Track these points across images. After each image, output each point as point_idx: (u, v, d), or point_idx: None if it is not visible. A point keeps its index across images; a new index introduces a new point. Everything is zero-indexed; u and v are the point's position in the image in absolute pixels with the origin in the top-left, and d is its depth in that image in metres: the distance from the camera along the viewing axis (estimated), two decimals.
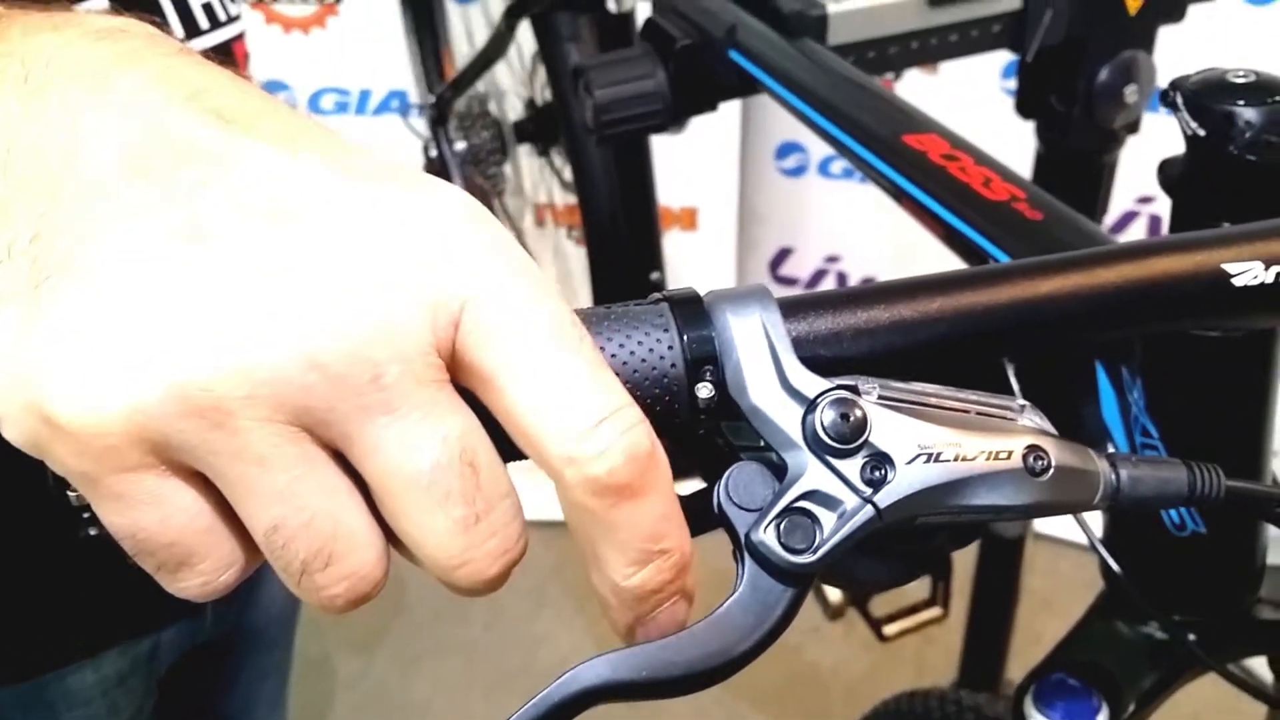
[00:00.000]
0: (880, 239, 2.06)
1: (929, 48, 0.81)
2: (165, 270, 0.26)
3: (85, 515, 0.28)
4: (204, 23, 0.71)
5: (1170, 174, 0.45)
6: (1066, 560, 2.05)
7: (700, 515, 0.31)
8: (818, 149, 2.07)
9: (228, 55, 0.74)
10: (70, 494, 0.28)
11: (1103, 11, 0.82)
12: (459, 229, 0.28)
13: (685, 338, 0.30)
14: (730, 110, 1.94)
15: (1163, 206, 1.84)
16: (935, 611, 1.15)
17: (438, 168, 1.43)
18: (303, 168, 0.27)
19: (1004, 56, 1.82)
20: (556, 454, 0.27)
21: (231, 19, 0.74)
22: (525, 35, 1.16)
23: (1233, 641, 0.52)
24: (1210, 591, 0.52)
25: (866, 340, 0.32)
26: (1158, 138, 0.90)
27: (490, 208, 0.30)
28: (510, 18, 1.05)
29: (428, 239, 0.27)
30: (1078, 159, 0.92)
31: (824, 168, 2.08)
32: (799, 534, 0.29)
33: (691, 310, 0.30)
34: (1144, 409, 0.47)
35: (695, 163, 1.93)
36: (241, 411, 0.25)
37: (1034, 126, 0.92)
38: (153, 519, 0.27)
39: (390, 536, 0.28)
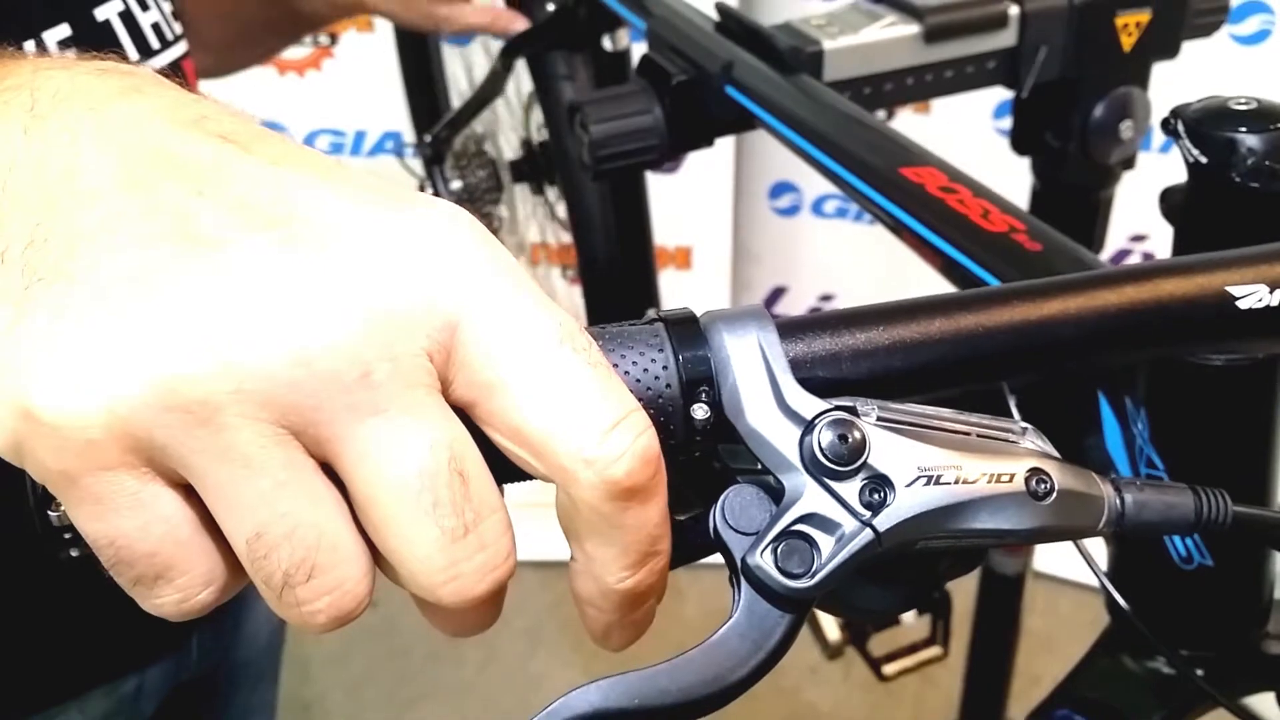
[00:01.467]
0: (874, 277, 2.06)
1: (924, 84, 0.81)
2: (152, 269, 0.26)
3: (67, 536, 0.28)
4: (155, 43, 0.72)
5: (1172, 202, 0.45)
6: (1066, 599, 2.04)
7: (694, 539, 0.31)
8: (811, 188, 2.08)
9: (179, 72, 0.75)
10: (52, 514, 0.28)
11: (1097, 48, 0.82)
12: (457, 243, 0.28)
13: (680, 358, 0.30)
14: (724, 150, 1.95)
15: (1156, 245, 1.85)
16: (935, 651, 1.14)
17: None
18: (298, 180, 0.28)
19: (996, 96, 1.84)
20: (572, 457, 0.26)
21: (178, 37, 0.75)
22: (519, 73, 1.16)
23: (1240, 677, 0.51)
24: (1217, 626, 0.51)
25: (865, 361, 0.31)
26: (1150, 176, 0.91)
27: None
28: (506, 57, 1.05)
29: (423, 250, 0.27)
30: (1074, 195, 0.92)
31: (817, 207, 2.09)
32: (796, 558, 0.29)
33: (687, 330, 0.30)
34: (1148, 439, 0.47)
35: (689, 202, 1.93)
36: (227, 408, 0.25)
37: (1030, 163, 0.92)
38: (132, 525, 0.26)
39: (374, 556, 0.28)
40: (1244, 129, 0.43)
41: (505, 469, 0.28)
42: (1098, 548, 0.53)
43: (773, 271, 2.17)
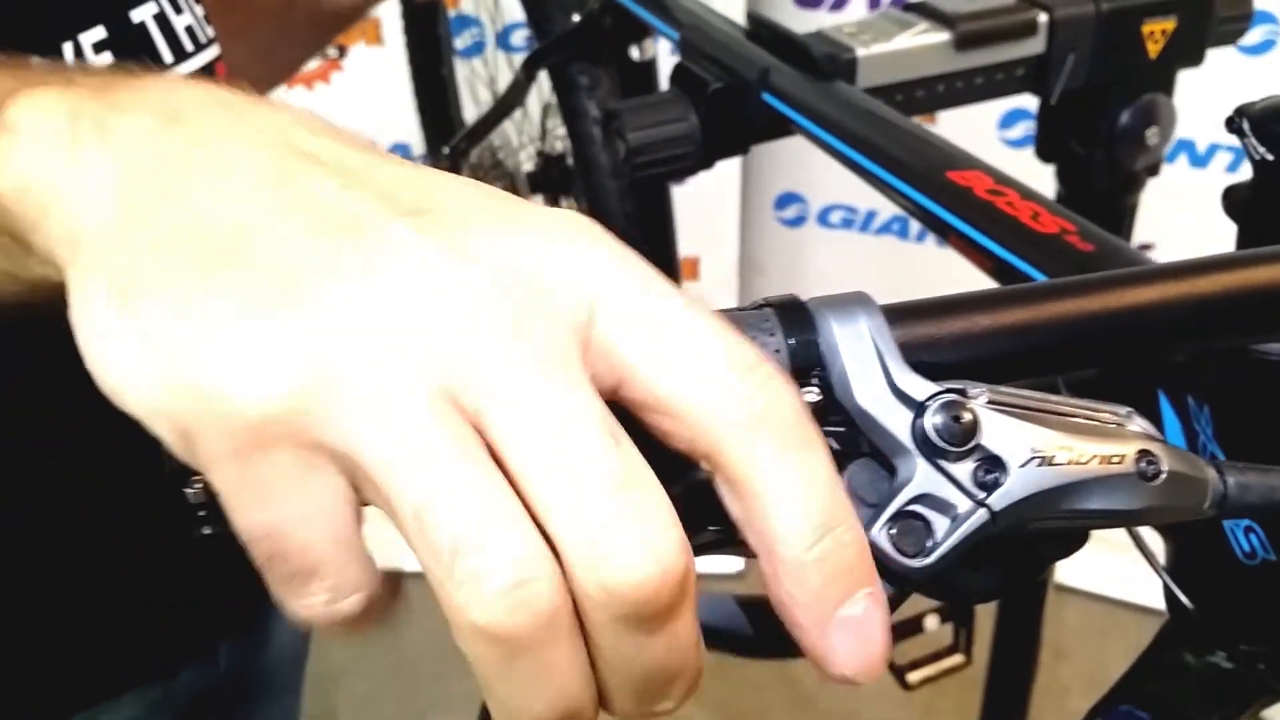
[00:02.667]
0: (880, 288, 2.05)
1: (955, 90, 0.82)
2: (319, 258, 0.27)
3: (201, 513, 0.28)
4: (189, 45, 0.72)
5: (1235, 199, 0.46)
6: (1072, 609, 2.05)
7: None
8: (816, 199, 2.09)
9: (211, 75, 0.75)
10: (188, 490, 0.28)
11: (1124, 55, 0.83)
12: (587, 235, 0.28)
13: (791, 342, 0.30)
14: (730, 162, 1.96)
15: (1164, 253, 1.86)
16: (958, 659, 1.15)
17: None
18: (435, 179, 0.29)
19: (1003, 106, 1.85)
20: (714, 395, 0.27)
21: (211, 40, 0.75)
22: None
23: None
24: (1278, 622, 0.51)
25: (969, 346, 0.32)
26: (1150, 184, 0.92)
27: None
28: (529, 68, 1.06)
29: (560, 234, 0.28)
30: (1098, 201, 0.92)
31: (823, 218, 2.10)
32: (912, 537, 0.29)
33: (797, 315, 0.31)
34: (1212, 436, 0.47)
35: (696, 213, 1.94)
36: (400, 378, 0.25)
37: (1054, 170, 0.93)
38: (293, 514, 0.26)
39: None
40: None
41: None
42: (1157, 544, 0.53)
43: (779, 282, 2.18)
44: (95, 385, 0.28)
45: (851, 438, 0.30)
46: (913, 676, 1.11)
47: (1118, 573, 1.99)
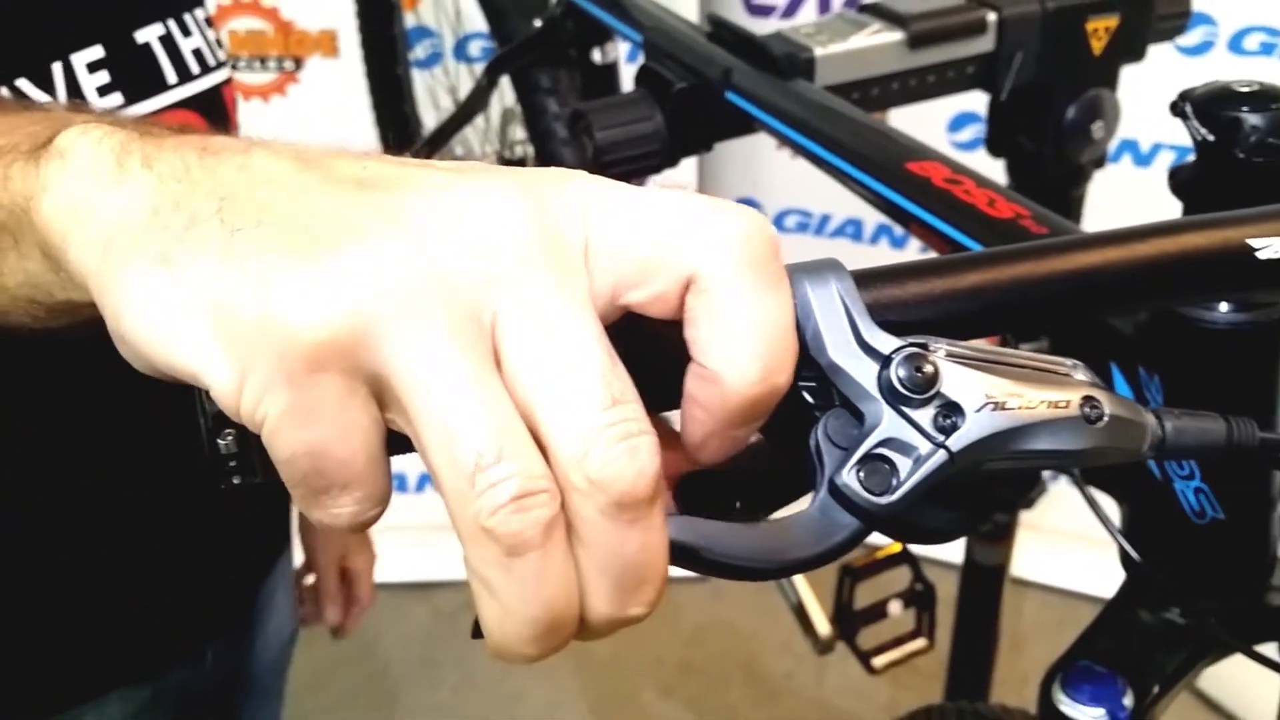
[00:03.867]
0: None
1: (909, 88, 0.85)
2: (343, 209, 0.30)
3: (232, 463, 0.31)
4: (195, 68, 0.73)
5: (1181, 179, 0.49)
6: (1031, 601, 2.09)
7: (783, 488, 0.34)
8: (772, 203, 2.12)
9: (217, 100, 0.76)
10: (221, 441, 0.30)
11: (1069, 52, 0.86)
12: (577, 176, 0.32)
13: None
14: (687, 166, 1.98)
15: None
16: (921, 643, 1.18)
17: None
18: (454, 166, 0.32)
19: (952, 109, 1.89)
20: (702, 244, 0.31)
21: (220, 64, 0.77)
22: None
23: (1249, 627, 0.54)
24: (1227, 578, 0.54)
25: (931, 307, 0.34)
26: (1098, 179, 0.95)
27: None
28: (491, 73, 1.07)
29: (564, 174, 0.32)
30: (1047, 194, 0.95)
31: (779, 222, 2.13)
32: (878, 478, 0.32)
33: None
34: (1162, 404, 0.50)
35: None
36: (430, 299, 0.28)
37: (1004, 165, 0.96)
38: (334, 431, 0.28)
39: None
40: (1247, 109, 0.46)
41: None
42: (1111, 507, 0.56)
43: None
44: (88, 387, 0.30)
45: (824, 390, 0.33)
46: (878, 661, 1.13)
47: (1074, 566, 2.04)
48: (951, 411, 0.32)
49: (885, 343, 0.32)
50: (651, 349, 0.32)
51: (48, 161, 0.34)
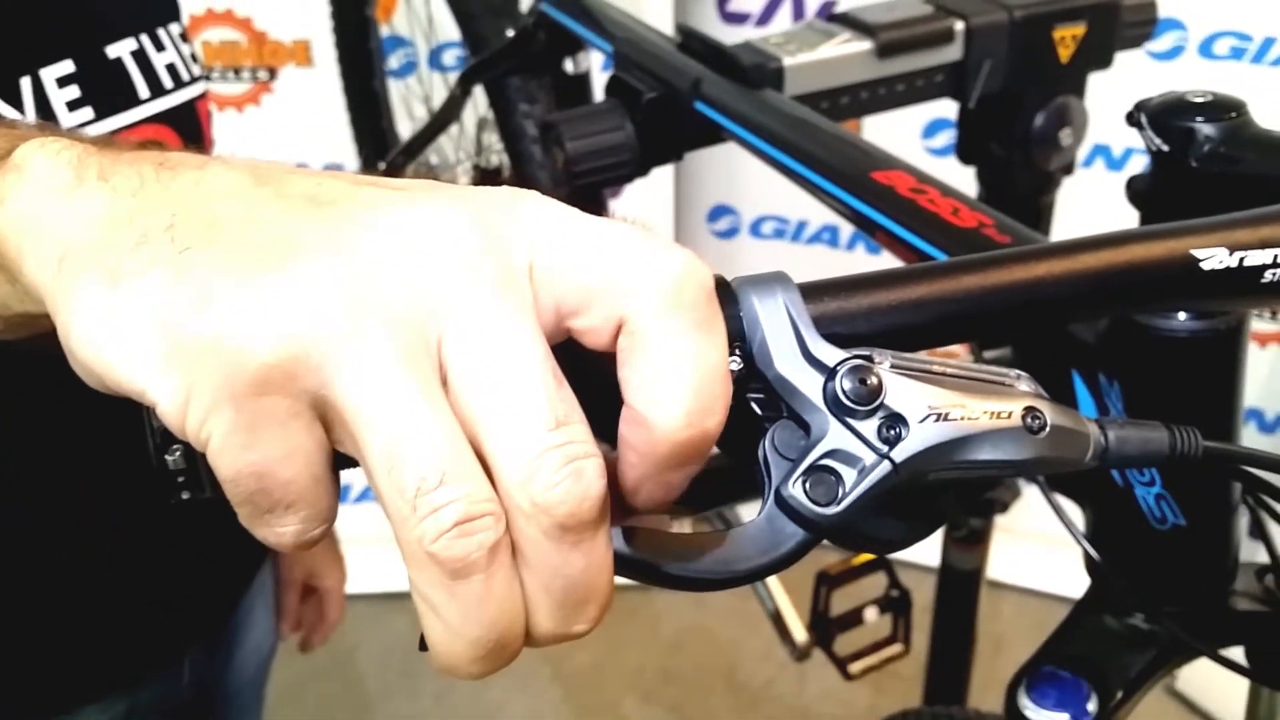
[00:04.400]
0: None
1: (878, 97, 0.85)
2: (293, 226, 0.30)
3: (180, 479, 0.31)
4: (168, 82, 0.73)
5: (1137, 188, 0.49)
6: (1008, 604, 2.10)
7: (721, 481, 0.34)
8: (748, 210, 2.13)
9: (191, 115, 0.76)
10: (169, 457, 0.31)
11: (1037, 60, 0.87)
12: (534, 198, 0.32)
13: None
14: (663, 174, 1.99)
15: None
16: (897, 648, 1.18)
17: None
18: (404, 184, 0.32)
19: (926, 115, 1.90)
20: (638, 266, 0.30)
21: (195, 78, 0.76)
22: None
23: (1211, 631, 0.55)
24: (1190, 584, 0.55)
25: (878, 318, 0.35)
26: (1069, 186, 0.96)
27: None
28: (465, 82, 1.08)
29: (513, 195, 0.32)
30: (1018, 201, 0.96)
31: (755, 229, 2.14)
32: (823, 488, 0.32)
33: (721, 292, 0.33)
34: (1122, 410, 0.51)
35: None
36: (376, 319, 0.28)
37: (975, 172, 0.97)
38: (278, 452, 0.28)
39: None
40: (1201, 119, 0.47)
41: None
42: (1075, 512, 0.56)
43: None
44: (60, 395, 0.30)
45: (771, 402, 0.33)
46: (854, 667, 1.14)
47: (1050, 568, 2.05)
48: (895, 423, 0.32)
49: (830, 355, 0.33)
50: (597, 374, 0.32)
51: (4, 175, 0.34)
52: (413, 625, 0.30)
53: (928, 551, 1.28)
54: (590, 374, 0.31)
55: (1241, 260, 0.36)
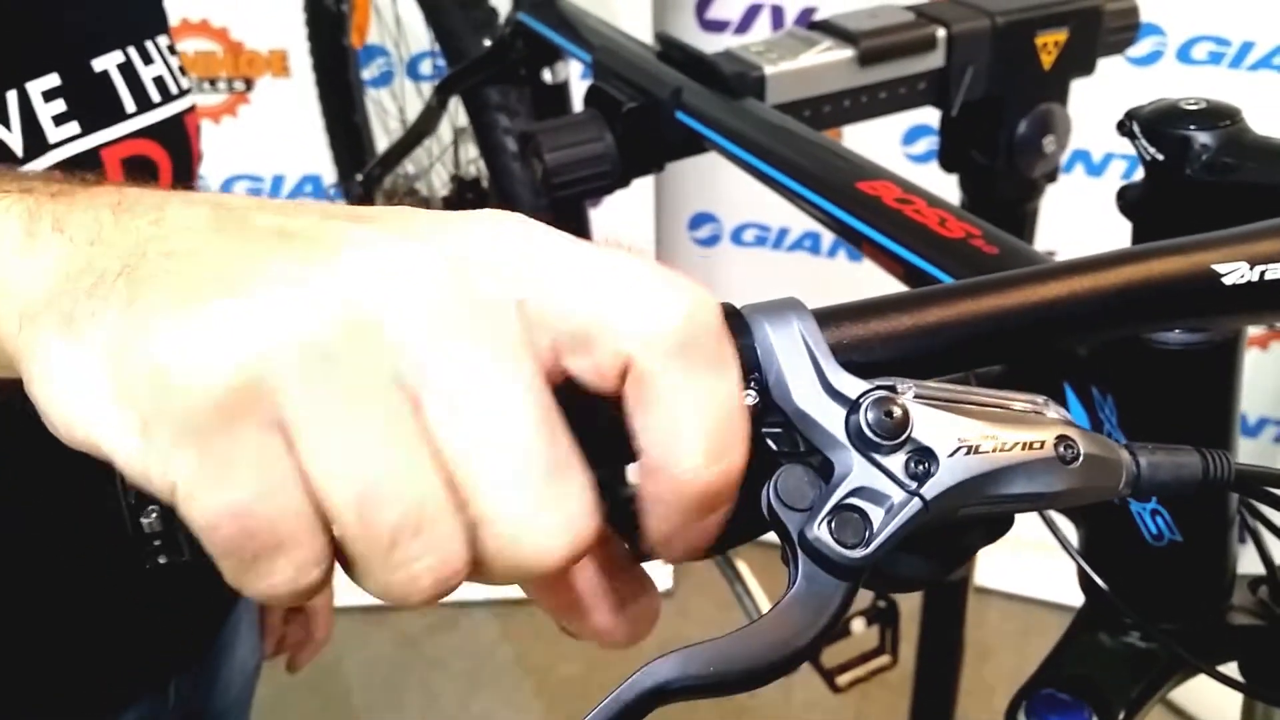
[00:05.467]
0: None
1: (860, 105, 0.84)
2: (253, 253, 0.28)
3: (156, 542, 0.29)
4: (155, 96, 0.72)
5: (1129, 198, 0.48)
6: (994, 610, 2.09)
7: (744, 519, 0.32)
8: (729, 218, 2.12)
9: (179, 128, 0.75)
10: (144, 520, 0.29)
11: (1020, 67, 0.86)
12: (507, 230, 0.30)
13: None
14: (644, 182, 1.98)
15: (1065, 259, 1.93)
16: (885, 660, 1.17)
17: None
18: (379, 216, 0.30)
19: (906, 123, 1.89)
20: (630, 318, 0.28)
21: (183, 92, 0.75)
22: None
23: (1208, 647, 0.54)
24: (1187, 600, 0.54)
25: (896, 345, 0.33)
26: (1056, 193, 0.95)
27: None
28: (442, 93, 1.06)
29: (487, 233, 0.29)
30: (1001, 209, 0.95)
31: (736, 236, 2.13)
32: (850, 529, 0.30)
33: (732, 322, 0.31)
34: (1116, 424, 0.50)
35: (612, 235, 1.96)
36: (340, 352, 0.27)
37: (958, 180, 0.96)
38: (253, 489, 0.26)
39: None
40: (1195, 127, 0.46)
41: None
42: (1069, 530, 0.55)
43: None
44: (40, 439, 0.29)
45: (789, 437, 0.31)
46: (842, 679, 1.13)
47: (1037, 573, 2.04)
48: (924, 457, 0.31)
49: (852, 386, 0.31)
50: (601, 412, 0.30)
51: None
52: (396, 639, 0.29)
53: None
54: (594, 413, 0.29)
55: (1263, 274, 0.35)
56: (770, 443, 0.31)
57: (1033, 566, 2.05)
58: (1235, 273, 0.35)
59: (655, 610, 0.34)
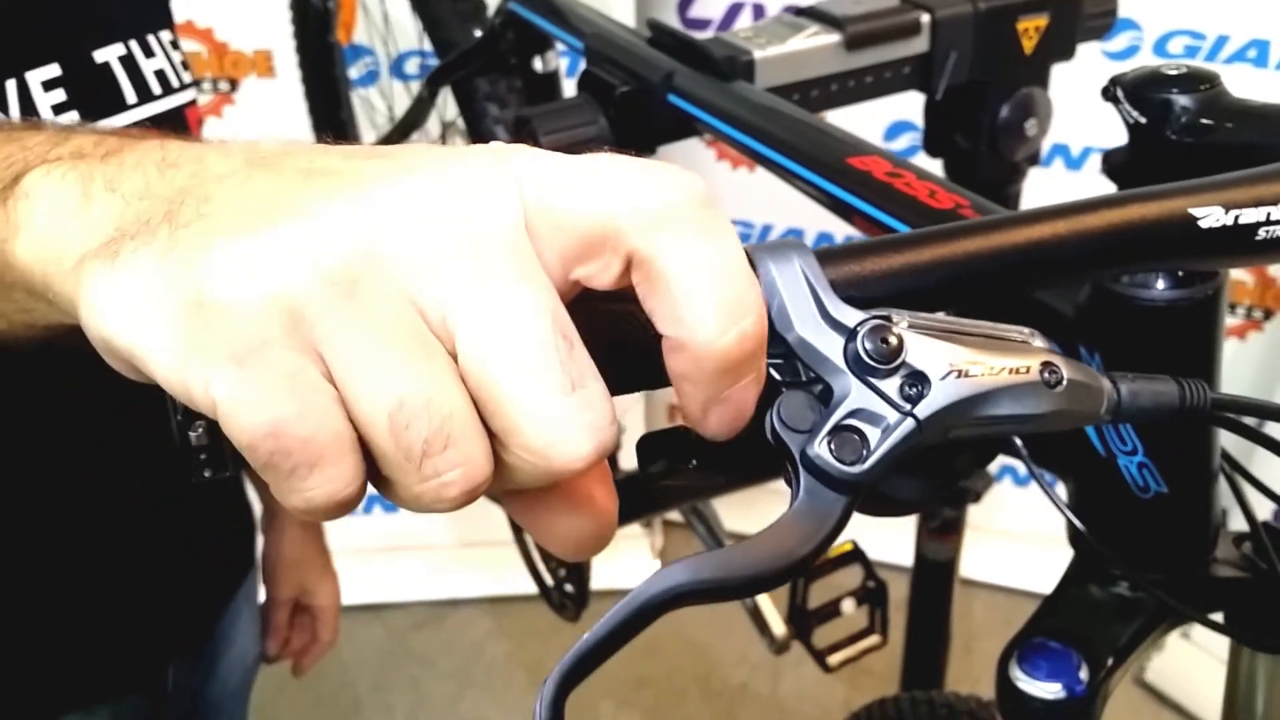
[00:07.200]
0: None
1: (847, 89, 0.86)
2: (286, 191, 0.30)
3: (203, 455, 0.31)
4: (156, 88, 0.73)
5: (1114, 161, 0.50)
6: (980, 601, 2.11)
7: (750, 446, 0.34)
8: None
9: (180, 121, 0.76)
10: (192, 434, 0.30)
11: (1002, 52, 0.88)
12: (525, 154, 0.31)
13: None
14: None
15: None
16: (875, 639, 1.19)
17: None
18: (394, 153, 0.32)
19: (888, 117, 1.91)
20: (646, 202, 0.30)
21: (185, 85, 0.76)
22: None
23: (1194, 598, 0.56)
24: (1172, 551, 0.56)
25: (892, 281, 0.35)
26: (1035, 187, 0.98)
27: None
28: (432, 84, 1.08)
29: (503, 157, 0.31)
30: (984, 192, 0.97)
31: None
32: (849, 448, 0.32)
33: None
34: None
35: None
36: (367, 279, 0.28)
37: (942, 164, 0.98)
38: (293, 407, 0.28)
39: None
40: (1177, 91, 0.48)
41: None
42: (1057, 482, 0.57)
43: None
44: (46, 403, 0.30)
45: (791, 366, 0.33)
46: (833, 659, 1.14)
47: (1022, 565, 2.07)
48: (917, 381, 0.33)
49: (850, 316, 0.33)
50: (623, 326, 0.32)
51: (15, 204, 0.34)
52: (387, 637, 0.31)
53: (901, 549, 1.29)
54: (614, 329, 0.31)
55: (1237, 218, 0.37)
56: (773, 372, 0.33)
57: (1018, 558, 2.08)
58: (1210, 216, 0.37)
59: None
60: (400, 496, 0.30)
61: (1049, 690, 0.54)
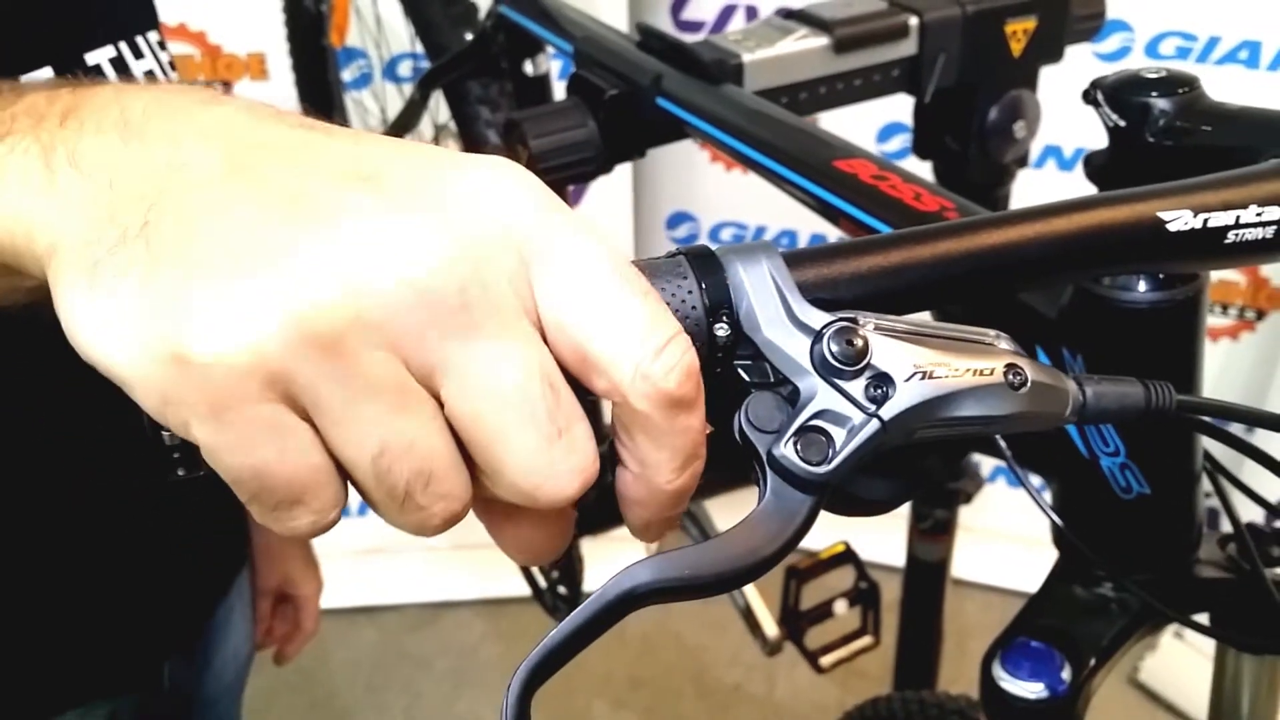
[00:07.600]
0: None
1: (836, 92, 0.87)
2: (269, 230, 0.29)
3: (176, 455, 0.31)
4: None
5: (1095, 164, 0.51)
6: (972, 602, 2.12)
7: (718, 446, 0.34)
8: (707, 217, 2.14)
9: None
10: (164, 433, 0.30)
11: (990, 55, 0.89)
12: (517, 185, 0.31)
13: (703, 284, 0.34)
14: (622, 180, 2.00)
15: None
16: (867, 640, 1.19)
17: None
18: (378, 149, 0.32)
19: (880, 119, 1.92)
20: (630, 371, 0.30)
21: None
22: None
23: (1178, 599, 0.56)
24: (1155, 552, 0.56)
25: (860, 283, 0.36)
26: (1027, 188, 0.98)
27: None
28: (424, 87, 1.08)
29: (491, 192, 0.31)
30: (973, 193, 0.97)
31: (714, 235, 2.15)
32: (814, 448, 0.33)
33: (707, 262, 0.34)
34: None
35: None
36: (350, 336, 0.28)
37: (931, 166, 0.98)
38: (273, 453, 0.28)
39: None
40: (1155, 94, 0.48)
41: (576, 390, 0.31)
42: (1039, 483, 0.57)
43: None
44: (34, 394, 0.30)
45: (759, 367, 0.34)
46: (825, 660, 1.15)
47: (1013, 565, 2.07)
48: (882, 382, 0.33)
49: (816, 318, 0.34)
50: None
51: None
52: (381, 638, 0.31)
53: (893, 550, 1.29)
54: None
55: (1205, 222, 0.37)
56: (741, 373, 0.34)
57: (1009, 559, 2.08)
58: (1179, 220, 0.37)
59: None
60: (388, 522, 0.31)
61: (1031, 690, 0.54)
